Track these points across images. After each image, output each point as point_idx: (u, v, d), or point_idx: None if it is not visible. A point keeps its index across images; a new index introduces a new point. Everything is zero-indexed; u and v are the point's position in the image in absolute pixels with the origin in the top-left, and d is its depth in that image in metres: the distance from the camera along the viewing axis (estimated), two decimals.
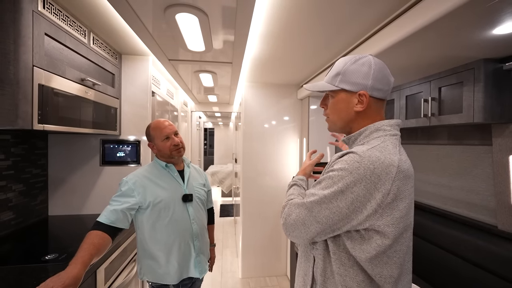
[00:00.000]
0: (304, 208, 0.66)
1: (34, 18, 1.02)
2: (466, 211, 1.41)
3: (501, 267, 1.08)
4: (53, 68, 1.13)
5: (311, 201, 0.65)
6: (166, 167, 1.20)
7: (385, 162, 0.60)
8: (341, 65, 0.72)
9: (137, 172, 1.16)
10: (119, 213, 1.02)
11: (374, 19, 1.12)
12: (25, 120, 0.98)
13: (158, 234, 1.11)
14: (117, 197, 1.07)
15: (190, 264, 1.18)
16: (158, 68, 2.11)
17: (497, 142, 1.18)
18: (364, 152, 0.61)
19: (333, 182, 0.62)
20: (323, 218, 0.63)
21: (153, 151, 1.22)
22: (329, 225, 0.63)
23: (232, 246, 3.21)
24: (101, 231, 0.97)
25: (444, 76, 1.29)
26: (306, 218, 0.65)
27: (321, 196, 0.63)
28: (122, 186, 1.10)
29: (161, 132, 1.18)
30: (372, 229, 0.60)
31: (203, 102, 3.68)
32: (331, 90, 0.73)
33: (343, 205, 0.60)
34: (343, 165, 0.62)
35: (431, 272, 1.39)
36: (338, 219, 0.62)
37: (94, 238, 0.94)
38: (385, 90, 0.70)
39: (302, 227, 0.66)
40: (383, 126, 0.69)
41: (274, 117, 2.48)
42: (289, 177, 2.49)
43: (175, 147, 1.19)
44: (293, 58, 1.70)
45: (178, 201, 1.16)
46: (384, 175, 0.59)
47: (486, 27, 0.87)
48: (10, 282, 0.93)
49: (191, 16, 1.06)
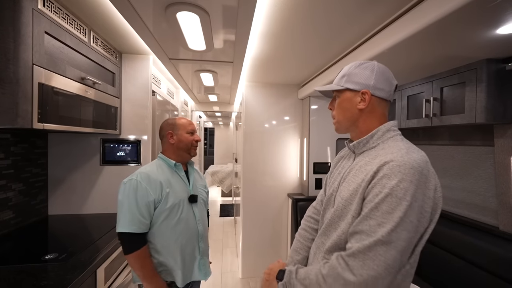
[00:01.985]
0: (381, 245, 0.55)
1: (34, 16, 1.01)
2: (467, 212, 1.41)
3: (502, 268, 1.08)
4: (53, 66, 1.12)
5: (387, 232, 0.55)
6: (175, 166, 1.17)
7: (423, 160, 0.61)
8: (347, 68, 0.77)
9: (145, 169, 1.10)
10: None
11: (376, 19, 1.12)
12: (25, 119, 0.98)
13: (165, 235, 1.07)
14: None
15: (194, 266, 1.16)
16: (159, 67, 2.10)
17: (499, 142, 1.18)
18: (406, 157, 0.60)
19: (398, 198, 0.56)
20: (403, 243, 0.55)
21: (170, 140, 1.17)
22: (410, 248, 0.57)
23: (232, 246, 3.21)
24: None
25: (446, 76, 1.29)
26: (387, 255, 0.55)
27: (395, 220, 0.55)
28: (132, 189, 1.02)
29: (189, 125, 1.21)
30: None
31: (204, 101, 3.67)
32: (338, 90, 0.77)
33: (413, 218, 0.56)
34: (399, 176, 0.57)
35: (432, 272, 1.39)
36: (414, 236, 0.57)
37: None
38: (388, 91, 0.73)
39: (385, 272, 0.55)
40: (392, 127, 0.72)
41: (275, 117, 2.47)
42: (289, 177, 2.49)
43: (196, 143, 1.21)
44: (294, 58, 1.69)
45: (185, 201, 1.14)
46: (428, 173, 0.60)
47: (489, 27, 0.87)
48: (10, 281, 0.92)
49: (192, 14, 1.05)
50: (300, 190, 2.48)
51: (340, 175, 0.77)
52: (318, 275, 0.63)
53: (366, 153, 0.71)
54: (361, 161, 0.70)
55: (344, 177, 0.74)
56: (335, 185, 0.77)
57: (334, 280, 0.59)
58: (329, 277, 0.60)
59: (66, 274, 0.96)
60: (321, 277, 0.62)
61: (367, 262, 0.56)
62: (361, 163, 0.70)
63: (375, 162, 0.64)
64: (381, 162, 0.61)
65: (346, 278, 0.57)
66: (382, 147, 0.68)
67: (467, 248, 1.24)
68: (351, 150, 0.78)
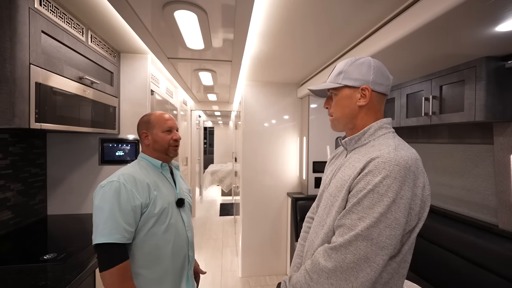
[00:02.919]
0: (362, 240, 0.56)
1: (30, 15, 1.00)
2: (466, 210, 1.41)
3: (502, 266, 1.08)
4: (51, 66, 1.11)
5: (366, 227, 0.56)
6: (161, 167, 1.03)
7: (412, 157, 0.60)
8: (343, 64, 0.75)
9: (127, 170, 0.94)
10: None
11: (374, 17, 1.11)
12: (22, 119, 0.97)
13: (152, 243, 0.91)
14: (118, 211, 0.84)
15: (183, 278, 1.02)
16: (157, 67, 2.09)
17: (499, 140, 1.17)
18: (393, 153, 0.59)
19: (380, 195, 0.56)
20: (386, 240, 0.55)
21: (144, 141, 1.03)
22: (394, 245, 0.57)
23: (232, 245, 3.21)
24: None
25: (445, 74, 1.28)
26: (368, 250, 0.55)
27: (375, 216, 0.56)
28: (114, 192, 0.85)
29: (165, 122, 1.03)
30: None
31: (203, 101, 3.66)
32: (335, 88, 0.75)
33: (399, 215, 0.56)
34: (383, 173, 0.57)
35: (431, 271, 1.39)
36: (400, 233, 0.57)
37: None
38: (386, 85, 0.73)
39: (365, 265, 0.55)
40: (384, 124, 0.71)
41: (274, 116, 2.46)
42: (288, 176, 2.49)
43: (174, 142, 1.05)
44: (293, 56, 1.68)
45: (173, 205, 1.00)
46: (416, 170, 0.60)
47: (488, 24, 0.86)
48: (8, 282, 0.92)
49: (190, 13, 1.05)
50: (300, 189, 2.48)
51: (332, 172, 0.78)
52: (305, 275, 0.65)
53: (357, 150, 0.71)
54: (351, 158, 0.70)
55: (335, 174, 0.74)
56: (327, 182, 0.78)
57: (318, 275, 0.61)
58: (314, 273, 0.62)
59: (64, 274, 0.96)
60: (307, 275, 0.64)
61: (348, 256, 0.57)
62: (351, 159, 0.70)
63: (364, 159, 0.64)
64: (368, 159, 0.61)
65: (328, 269, 0.59)
66: (373, 144, 0.68)
67: (466, 246, 1.24)
68: (343, 147, 0.78)
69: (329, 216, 0.68)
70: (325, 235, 0.67)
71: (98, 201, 0.85)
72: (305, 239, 0.89)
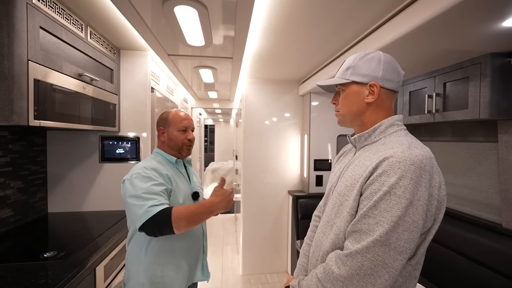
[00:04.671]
0: (380, 245, 0.53)
1: (28, 11, 0.99)
2: (470, 208, 1.39)
3: (505, 265, 1.07)
4: (49, 62, 1.10)
5: (384, 232, 0.53)
6: (176, 162, 1.10)
7: (427, 156, 0.58)
8: (351, 59, 0.72)
9: (146, 164, 0.99)
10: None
11: (378, 12, 1.09)
12: (20, 116, 0.96)
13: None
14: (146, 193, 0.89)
15: (198, 267, 1.11)
16: (158, 64, 2.08)
17: (503, 138, 1.16)
18: (407, 152, 0.57)
19: (397, 196, 0.54)
20: (405, 244, 0.53)
21: (160, 138, 1.10)
22: (412, 249, 0.55)
23: (232, 243, 3.21)
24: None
25: (449, 71, 1.26)
26: (386, 255, 0.53)
27: (393, 219, 0.53)
28: (142, 178, 0.91)
29: (181, 122, 1.08)
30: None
31: (204, 98, 3.65)
32: (342, 84, 0.73)
33: (417, 218, 0.54)
34: (398, 173, 0.55)
35: (434, 270, 1.38)
36: (418, 236, 0.55)
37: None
38: (396, 81, 0.69)
39: (383, 271, 0.53)
40: (396, 121, 0.68)
41: (275, 113, 2.45)
42: (289, 174, 2.48)
43: (189, 141, 1.10)
44: (294, 53, 1.66)
45: (189, 198, 1.09)
46: (432, 169, 0.57)
47: (494, 20, 0.84)
48: (9, 280, 0.92)
49: (190, 9, 1.03)
50: (301, 187, 2.47)
51: (340, 170, 0.75)
52: (317, 283, 0.62)
53: (367, 147, 0.69)
54: (361, 156, 0.68)
55: (343, 172, 0.72)
56: (334, 180, 0.75)
57: (332, 284, 0.58)
58: (327, 282, 0.59)
59: (64, 272, 0.95)
60: (320, 283, 0.61)
61: (365, 263, 0.54)
62: (361, 158, 0.67)
63: (375, 157, 0.61)
64: (380, 158, 0.58)
65: (343, 277, 0.57)
66: (384, 142, 0.65)
67: (469, 245, 1.23)
68: (352, 144, 0.76)
69: (339, 216, 0.66)
70: (336, 237, 0.65)
71: (126, 192, 0.91)
72: (311, 238, 0.87)
